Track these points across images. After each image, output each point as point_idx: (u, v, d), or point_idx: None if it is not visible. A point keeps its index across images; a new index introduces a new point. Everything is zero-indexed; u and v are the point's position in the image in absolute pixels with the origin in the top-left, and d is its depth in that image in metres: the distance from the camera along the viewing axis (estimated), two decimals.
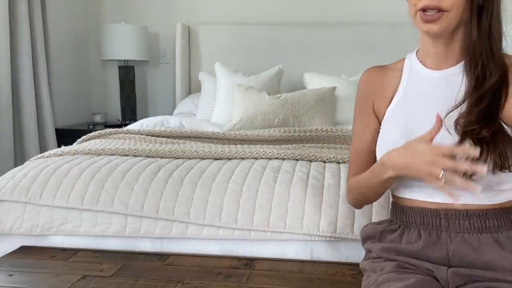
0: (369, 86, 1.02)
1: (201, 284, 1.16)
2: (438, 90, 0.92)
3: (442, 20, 0.85)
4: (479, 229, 0.86)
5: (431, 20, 0.85)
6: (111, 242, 1.41)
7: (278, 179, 1.41)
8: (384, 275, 0.88)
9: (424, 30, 0.89)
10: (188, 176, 1.44)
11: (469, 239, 0.86)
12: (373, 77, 1.03)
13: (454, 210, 0.88)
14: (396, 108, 0.96)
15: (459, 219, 0.87)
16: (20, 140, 2.73)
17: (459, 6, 0.84)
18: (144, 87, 3.43)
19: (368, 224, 1.04)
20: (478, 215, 0.86)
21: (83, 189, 1.42)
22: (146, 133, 2.04)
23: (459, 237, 0.87)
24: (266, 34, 3.12)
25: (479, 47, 0.86)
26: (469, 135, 0.83)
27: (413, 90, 0.96)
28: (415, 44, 1.03)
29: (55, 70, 3.00)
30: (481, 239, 0.86)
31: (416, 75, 0.97)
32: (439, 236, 0.88)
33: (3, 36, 2.52)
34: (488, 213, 0.86)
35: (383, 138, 0.97)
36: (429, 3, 0.85)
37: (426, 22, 0.86)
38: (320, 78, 2.77)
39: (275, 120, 2.35)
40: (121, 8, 3.35)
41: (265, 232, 1.33)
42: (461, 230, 0.87)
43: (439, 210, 0.89)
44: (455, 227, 0.87)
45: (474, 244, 0.86)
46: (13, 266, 1.27)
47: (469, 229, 0.87)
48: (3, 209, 1.43)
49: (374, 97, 1.01)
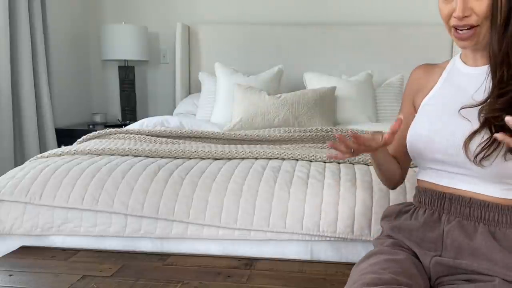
0: (412, 84, 1.10)
1: (201, 284, 1.16)
2: (471, 84, 0.96)
3: (475, 36, 0.90)
4: (477, 218, 0.90)
5: (464, 38, 0.91)
6: (111, 242, 1.41)
7: (278, 179, 1.40)
8: (379, 247, 0.97)
9: (460, 47, 0.95)
10: (188, 176, 1.44)
11: (466, 225, 0.90)
12: (418, 75, 1.10)
13: (458, 195, 0.93)
14: (431, 99, 1.02)
15: (461, 205, 0.92)
16: (20, 140, 2.73)
17: (488, 18, 0.87)
18: (144, 87, 3.43)
19: (391, 205, 1.11)
20: (479, 205, 0.90)
21: (83, 189, 1.42)
22: (146, 133, 2.04)
23: (456, 221, 0.91)
24: (266, 34, 3.13)
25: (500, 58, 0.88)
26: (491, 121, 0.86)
27: (450, 84, 1.01)
28: (415, 44, 1.06)
29: (55, 70, 3.00)
30: (477, 228, 0.89)
31: (456, 72, 1.02)
32: (440, 217, 0.95)
33: (3, 36, 2.52)
34: (490, 205, 0.89)
35: (414, 125, 1.02)
36: (458, 23, 0.90)
37: (459, 39, 0.92)
38: (320, 78, 2.77)
39: (275, 120, 2.35)
40: (121, 8, 3.35)
41: (265, 232, 1.33)
42: (460, 216, 0.92)
43: (445, 193, 0.95)
44: (455, 211, 0.93)
45: (469, 231, 0.90)
46: (13, 266, 1.27)
47: (468, 216, 0.91)
48: (3, 209, 1.43)
49: (414, 94, 1.09)
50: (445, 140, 0.93)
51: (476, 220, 0.90)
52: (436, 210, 0.96)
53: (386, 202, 1.31)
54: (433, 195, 0.97)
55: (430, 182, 1.00)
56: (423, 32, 2.94)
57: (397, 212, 1.05)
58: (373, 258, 0.93)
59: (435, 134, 0.95)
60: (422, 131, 0.98)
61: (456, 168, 0.93)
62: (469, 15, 0.88)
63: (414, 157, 1.03)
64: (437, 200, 0.96)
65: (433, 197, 0.97)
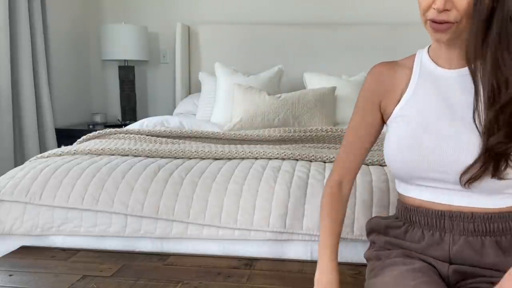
0: (377, 84, 0.98)
1: (201, 284, 1.16)
2: (450, 89, 0.90)
3: (452, 31, 0.83)
4: (483, 232, 0.86)
5: (440, 30, 0.83)
6: (111, 242, 1.41)
7: (278, 179, 1.40)
8: (389, 259, 0.91)
9: (435, 39, 0.87)
10: (188, 176, 1.44)
11: (472, 242, 0.86)
12: (382, 74, 0.98)
13: (459, 212, 0.87)
14: (406, 106, 0.94)
15: (464, 221, 0.86)
16: (20, 140, 2.73)
17: (469, 17, 0.80)
18: (144, 87, 3.43)
19: (374, 217, 1.05)
20: (482, 218, 0.86)
21: (83, 189, 1.42)
22: (146, 133, 2.04)
23: (462, 239, 0.87)
24: (266, 34, 3.12)
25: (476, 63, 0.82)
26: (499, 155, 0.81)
27: (424, 89, 0.93)
28: (415, 44, 1.03)
29: (55, 70, 3.00)
30: (484, 242, 0.86)
31: (427, 74, 0.94)
32: (442, 238, 0.88)
33: (3, 36, 2.52)
34: (493, 217, 0.86)
35: (392, 137, 0.94)
36: (435, 18, 0.82)
37: (436, 31, 0.84)
38: (320, 78, 2.77)
39: (275, 120, 2.35)
40: (121, 8, 3.35)
41: (265, 232, 1.33)
42: (465, 233, 0.86)
43: (444, 211, 0.88)
44: (459, 229, 0.87)
45: (477, 247, 0.86)
46: (13, 266, 1.27)
47: (473, 232, 0.86)
48: (3, 209, 1.43)
49: (381, 95, 0.98)
50: (437, 157, 0.86)
51: (482, 235, 0.86)
52: (436, 230, 0.89)
53: (386, 202, 1.31)
54: (430, 215, 0.90)
55: (422, 200, 0.92)
56: (423, 32, 2.93)
57: (384, 228, 0.99)
58: (389, 270, 0.87)
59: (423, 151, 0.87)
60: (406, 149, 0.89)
61: (449, 184, 0.87)
62: (449, 9, 0.80)
63: (400, 177, 0.94)
64: (435, 219, 0.89)
65: (430, 216, 0.90)
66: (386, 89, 0.97)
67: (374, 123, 1.00)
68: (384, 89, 0.97)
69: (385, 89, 0.97)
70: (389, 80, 0.97)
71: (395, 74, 0.97)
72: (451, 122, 0.86)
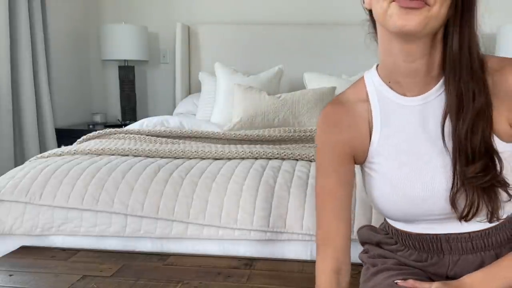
0: (338, 133, 0.83)
1: (201, 284, 1.16)
2: (422, 118, 0.78)
3: (423, 13, 0.67)
4: (482, 248, 0.82)
5: (411, 6, 0.67)
6: (111, 242, 1.41)
7: (278, 179, 1.40)
8: (385, 265, 0.87)
9: (400, 25, 0.68)
10: (188, 176, 1.44)
11: (472, 259, 0.83)
12: (338, 120, 0.84)
13: (456, 235, 0.81)
14: (378, 152, 0.82)
15: (461, 242, 0.81)
16: (20, 140, 2.73)
17: (443, 3, 0.68)
18: (144, 87, 3.43)
19: (363, 227, 1.00)
20: (480, 236, 0.81)
21: (83, 189, 1.42)
22: (146, 133, 2.04)
23: (462, 258, 0.83)
24: (266, 34, 3.12)
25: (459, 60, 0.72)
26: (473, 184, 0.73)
27: (392, 125, 0.80)
28: None
29: (55, 70, 3.00)
30: (484, 257, 0.82)
31: (389, 105, 0.80)
32: (441, 258, 0.83)
33: (3, 36, 2.52)
34: (490, 232, 0.81)
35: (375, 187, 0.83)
36: None
37: (405, 12, 0.67)
38: (320, 78, 2.77)
39: (275, 120, 2.35)
40: (121, 8, 3.35)
41: (265, 232, 1.33)
42: (464, 252, 0.82)
43: (439, 236, 0.81)
44: (457, 249, 0.82)
45: (477, 262, 0.82)
46: (13, 266, 1.27)
47: (472, 250, 0.81)
48: (3, 209, 1.43)
49: (349, 142, 0.83)
50: (430, 206, 0.78)
51: (481, 250, 0.81)
52: (434, 253, 0.83)
53: None
54: (424, 240, 0.83)
55: (415, 233, 0.84)
56: None
57: (377, 242, 0.93)
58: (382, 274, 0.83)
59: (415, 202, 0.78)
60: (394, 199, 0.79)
61: (446, 219, 0.80)
62: None
63: (394, 220, 0.86)
64: (430, 244, 0.82)
65: (425, 241, 0.83)
66: (351, 133, 0.83)
67: (349, 175, 0.85)
68: (348, 135, 0.83)
69: (350, 134, 0.83)
70: (349, 122, 0.83)
71: (352, 114, 0.83)
72: (433, 159, 0.77)
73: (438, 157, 0.77)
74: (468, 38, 0.72)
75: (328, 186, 0.85)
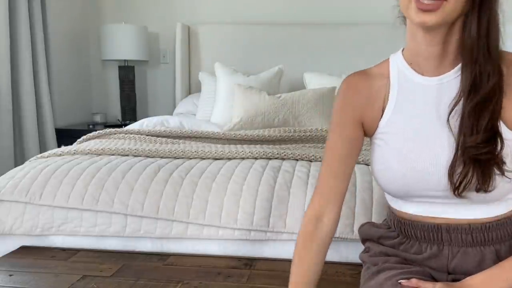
0: (355, 96, 0.89)
1: (201, 284, 1.16)
2: (434, 98, 0.83)
3: (440, 11, 0.73)
4: (481, 242, 0.83)
5: (428, 9, 0.73)
6: (111, 242, 1.41)
7: (278, 179, 1.40)
8: (386, 264, 0.88)
9: (419, 21, 0.75)
10: (188, 176, 1.44)
11: (471, 253, 0.84)
12: (358, 86, 0.90)
13: (456, 224, 0.83)
14: (390, 123, 0.87)
15: (461, 233, 0.83)
16: (20, 140, 2.73)
17: None
18: (144, 87, 3.43)
19: (365, 224, 1.01)
20: (480, 229, 0.83)
21: (83, 189, 1.42)
22: (146, 133, 2.04)
23: (461, 251, 0.84)
24: (266, 34, 3.12)
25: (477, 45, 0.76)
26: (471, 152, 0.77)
27: (407, 101, 0.86)
28: None
29: (55, 70, 3.00)
30: (483, 252, 0.84)
31: (408, 83, 0.86)
32: (441, 250, 0.85)
33: (3, 36, 2.52)
34: (491, 226, 0.83)
35: (380, 156, 0.87)
36: None
37: (422, 11, 0.74)
38: (320, 78, 2.77)
39: (275, 120, 2.35)
40: (121, 8, 3.35)
41: (265, 232, 1.33)
42: (464, 244, 0.84)
43: (440, 224, 0.84)
44: (457, 241, 0.84)
45: (476, 257, 0.84)
46: (13, 266, 1.27)
47: (472, 243, 0.83)
48: (3, 209, 1.43)
49: (361, 108, 0.89)
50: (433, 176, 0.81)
51: (480, 245, 0.83)
52: (434, 243, 0.85)
53: (386, 202, 1.30)
54: (426, 228, 0.86)
55: (417, 215, 0.87)
56: None
57: (378, 237, 0.95)
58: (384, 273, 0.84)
59: (418, 171, 0.82)
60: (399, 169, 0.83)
61: (446, 199, 0.83)
62: None
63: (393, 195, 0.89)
64: (431, 233, 0.85)
65: (427, 230, 0.86)
66: (365, 101, 0.89)
67: (356, 141, 0.91)
68: (363, 101, 0.89)
69: (364, 102, 0.89)
70: (367, 91, 0.89)
71: (371, 85, 0.89)
72: (441, 135, 0.82)
73: (446, 136, 0.81)
74: (487, 26, 0.76)
75: (332, 144, 0.91)
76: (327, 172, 0.91)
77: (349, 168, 0.91)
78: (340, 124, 0.91)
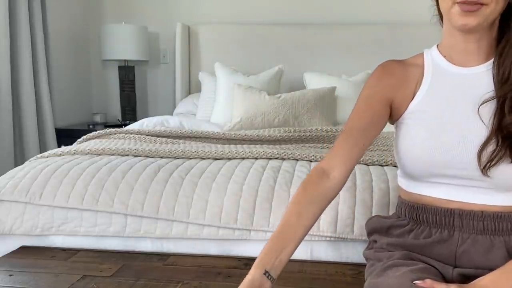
0: (389, 77, 0.95)
1: (201, 284, 1.16)
2: (466, 87, 0.89)
3: (480, 14, 0.81)
4: (492, 231, 0.85)
5: (470, 10, 0.81)
6: (111, 242, 1.41)
7: (278, 179, 1.40)
8: (391, 261, 0.89)
9: (461, 24, 0.83)
10: (188, 176, 1.44)
11: (481, 240, 0.85)
12: (393, 69, 0.96)
13: (469, 210, 0.86)
14: (421, 103, 0.92)
15: (474, 220, 0.86)
16: (20, 140, 2.73)
17: (498, 0, 0.82)
18: (144, 87, 3.43)
19: (374, 217, 1.03)
20: (492, 217, 0.85)
21: (83, 189, 1.42)
22: (146, 133, 2.04)
23: (471, 238, 0.86)
24: (266, 34, 3.12)
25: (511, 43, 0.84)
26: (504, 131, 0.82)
27: (439, 86, 0.91)
28: (415, 44, 1.02)
29: (55, 70, 3.01)
30: (493, 242, 0.85)
31: (441, 71, 0.92)
32: (451, 235, 0.87)
33: (3, 36, 2.52)
34: (503, 216, 0.85)
35: (408, 133, 0.92)
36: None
37: (465, 14, 0.82)
38: (320, 78, 2.77)
39: (275, 120, 2.35)
40: (121, 8, 3.35)
41: (265, 232, 1.33)
42: (475, 231, 0.86)
43: (453, 209, 0.87)
44: (469, 228, 0.86)
45: (485, 245, 0.85)
46: (13, 266, 1.27)
47: (483, 231, 0.85)
48: (3, 209, 1.43)
49: (393, 90, 0.94)
50: (457, 154, 0.85)
51: (491, 234, 0.85)
52: (445, 228, 0.88)
53: (386, 202, 1.30)
54: (439, 213, 0.88)
55: (433, 198, 0.90)
56: (423, 32, 2.93)
57: (388, 227, 0.97)
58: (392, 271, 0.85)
59: (442, 148, 0.86)
60: (424, 145, 0.88)
61: (465, 180, 0.86)
62: None
63: (413, 174, 0.92)
64: (444, 217, 0.88)
65: (439, 214, 0.88)
66: (398, 84, 0.94)
67: (379, 117, 0.95)
68: (396, 83, 0.94)
69: (397, 84, 0.94)
70: (401, 75, 0.95)
71: (407, 70, 0.95)
72: (470, 117, 0.86)
73: (476, 120, 0.86)
74: None
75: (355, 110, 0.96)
76: (344, 139, 0.95)
77: (368, 140, 0.95)
78: (368, 97, 0.95)
